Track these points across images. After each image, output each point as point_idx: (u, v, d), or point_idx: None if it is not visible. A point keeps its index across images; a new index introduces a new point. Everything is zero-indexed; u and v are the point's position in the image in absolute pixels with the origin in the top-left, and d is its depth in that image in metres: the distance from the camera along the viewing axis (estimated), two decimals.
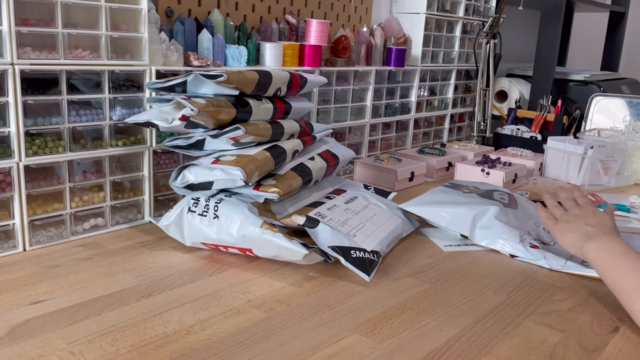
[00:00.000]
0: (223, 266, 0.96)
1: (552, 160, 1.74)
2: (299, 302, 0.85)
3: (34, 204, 1.00)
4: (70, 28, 0.98)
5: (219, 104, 0.99)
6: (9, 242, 0.98)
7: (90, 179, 1.07)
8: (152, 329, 0.75)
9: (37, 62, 0.95)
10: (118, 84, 1.07)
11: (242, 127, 0.99)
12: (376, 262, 0.96)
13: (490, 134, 2.05)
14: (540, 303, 0.88)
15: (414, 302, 0.87)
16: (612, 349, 0.76)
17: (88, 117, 1.03)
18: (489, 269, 1.01)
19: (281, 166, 1.07)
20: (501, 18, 1.93)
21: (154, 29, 1.12)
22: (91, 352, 0.69)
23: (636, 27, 3.28)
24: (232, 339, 0.73)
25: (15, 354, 0.68)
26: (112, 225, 1.11)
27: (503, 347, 0.75)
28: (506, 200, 1.21)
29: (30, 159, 0.97)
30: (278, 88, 1.11)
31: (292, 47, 1.40)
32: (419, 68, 1.81)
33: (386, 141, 1.80)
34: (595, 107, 1.97)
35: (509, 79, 2.28)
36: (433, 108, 1.96)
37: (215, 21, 1.27)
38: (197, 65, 1.18)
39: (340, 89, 1.56)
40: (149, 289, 0.87)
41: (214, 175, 0.99)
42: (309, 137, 1.17)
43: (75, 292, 0.84)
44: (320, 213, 1.01)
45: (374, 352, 0.72)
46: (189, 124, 0.97)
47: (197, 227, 0.98)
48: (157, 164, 1.16)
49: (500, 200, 1.19)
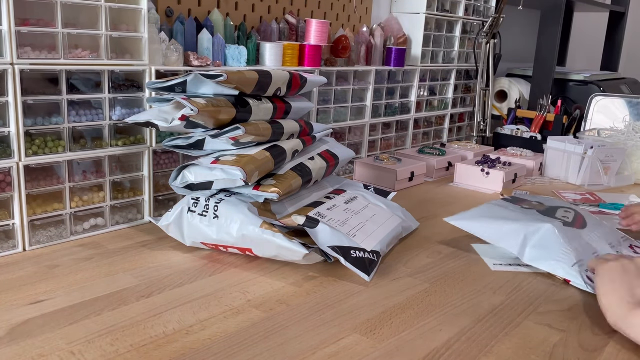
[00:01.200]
0: (223, 266, 0.96)
1: (552, 160, 1.74)
2: (299, 302, 0.85)
3: (34, 204, 1.00)
4: (70, 28, 0.98)
5: (219, 104, 0.99)
6: (9, 242, 0.98)
7: (90, 179, 1.07)
8: (152, 329, 0.75)
9: (37, 62, 0.95)
10: (118, 84, 1.07)
11: (242, 127, 0.99)
12: (376, 262, 0.96)
13: (490, 134, 2.05)
14: (540, 303, 0.88)
15: (414, 302, 0.87)
16: (612, 349, 0.76)
17: (88, 117, 1.03)
18: (489, 268, 1.01)
19: (281, 166, 1.07)
20: (501, 18, 1.93)
21: (154, 29, 1.12)
22: (91, 352, 0.69)
23: (636, 27, 3.28)
24: (232, 339, 0.73)
25: (15, 354, 0.68)
26: (112, 225, 1.11)
27: (503, 347, 0.75)
28: (570, 218, 1.09)
29: (30, 159, 0.97)
30: (278, 88, 1.11)
31: (292, 47, 1.40)
32: (419, 68, 1.81)
33: (386, 141, 1.80)
34: (595, 107, 1.97)
35: (509, 79, 2.28)
36: (433, 108, 1.96)
37: (215, 21, 1.27)
38: (197, 65, 1.18)
39: (340, 89, 1.56)
40: (149, 289, 0.87)
41: (214, 175, 0.99)
42: (309, 137, 1.17)
43: (75, 292, 0.84)
44: (320, 213, 1.01)
45: (374, 352, 0.72)
46: (189, 124, 0.97)
47: (197, 227, 0.98)
48: (157, 164, 1.16)
49: (562, 219, 1.07)
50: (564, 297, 0.91)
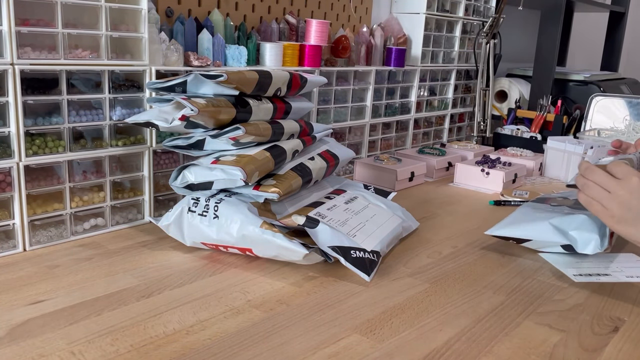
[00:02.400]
0: (223, 266, 0.96)
1: (552, 160, 1.74)
2: (299, 302, 0.85)
3: (34, 204, 1.00)
4: (70, 28, 0.98)
5: (219, 104, 0.99)
6: (9, 242, 0.98)
7: (90, 179, 1.07)
8: (152, 329, 0.75)
9: (37, 62, 0.95)
10: (118, 84, 1.07)
11: (242, 127, 0.99)
12: (376, 262, 0.96)
13: (490, 134, 2.05)
14: (540, 303, 0.88)
15: (414, 302, 0.87)
16: (612, 349, 0.76)
17: (88, 117, 1.03)
18: (489, 268, 1.01)
19: (281, 166, 1.07)
20: (501, 18, 1.93)
21: (154, 29, 1.12)
22: (91, 352, 0.69)
23: (636, 27, 3.28)
24: (232, 339, 0.73)
25: (15, 354, 0.68)
26: (112, 225, 1.11)
27: (503, 347, 0.75)
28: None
29: (30, 159, 0.97)
30: (278, 88, 1.11)
31: (292, 47, 1.40)
32: (419, 68, 1.81)
33: (386, 141, 1.80)
34: (595, 107, 1.97)
35: (509, 79, 2.28)
36: (433, 108, 1.96)
37: (215, 21, 1.27)
38: (197, 65, 1.18)
39: (340, 89, 1.56)
40: (149, 289, 0.87)
41: (214, 175, 0.99)
42: (308, 137, 1.17)
43: (75, 292, 0.84)
44: (320, 213, 1.01)
45: (374, 352, 0.72)
46: (189, 124, 0.97)
47: (197, 227, 0.98)
48: (157, 164, 1.16)
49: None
50: (564, 297, 0.91)
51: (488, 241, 1.14)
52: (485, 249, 1.10)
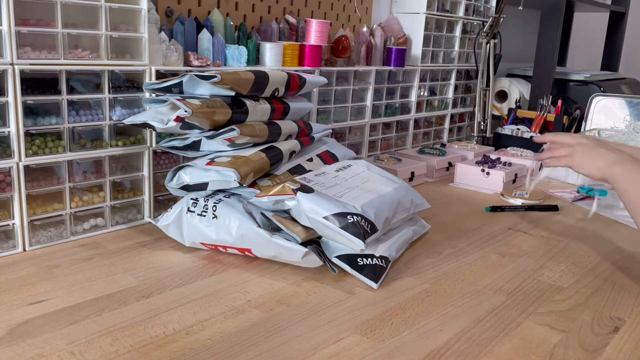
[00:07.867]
0: (223, 266, 0.96)
1: None
2: (299, 302, 0.85)
3: (34, 204, 1.00)
4: (70, 28, 0.98)
5: (214, 105, 0.99)
6: (9, 242, 0.98)
7: (90, 179, 1.07)
8: (152, 329, 0.75)
9: (37, 62, 0.95)
10: (118, 84, 1.07)
11: (237, 129, 0.99)
12: (385, 269, 0.94)
13: (490, 134, 2.05)
14: (540, 303, 0.88)
15: (414, 302, 0.87)
16: (612, 349, 0.76)
17: (88, 117, 1.03)
18: (489, 269, 1.01)
19: (277, 167, 1.07)
20: (501, 18, 1.93)
21: (154, 29, 1.12)
22: (91, 352, 0.69)
23: (636, 27, 3.28)
24: (232, 339, 0.73)
25: (15, 354, 0.68)
26: (112, 226, 1.11)
27: (503, 347, 0.75)
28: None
29: (30, 159, 0.96)
30: (276, 89, 1.11)
31: (292, 47, 1.40)
32: (419, 68, 1.81)
33: (386, 141, 1.80)
34: (595, 107, 1.97)
35: (509, 79, 2.28)
36: (433, 108, 1.96)
37: (215, 21, 1.27)
38: (197, 65, 1.18)
39: (340, 89, 1.56)
40: (149, 289, 0.87)
41: (209, 177, 0.98)
42: (306, 138, 1.17)
43: (75, 292, 0.84)
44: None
45: (374, 352, 0.72)
46: (185, 125, 0.97)
47: (196, 227, 0.98)
48: (157, 164, 1.16)
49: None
50: (564, 297, 0.91)
51: (488, 241, 1.14)
52: (486, 249, 1.10)
